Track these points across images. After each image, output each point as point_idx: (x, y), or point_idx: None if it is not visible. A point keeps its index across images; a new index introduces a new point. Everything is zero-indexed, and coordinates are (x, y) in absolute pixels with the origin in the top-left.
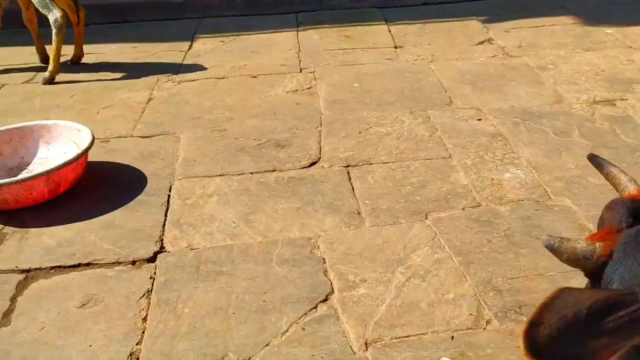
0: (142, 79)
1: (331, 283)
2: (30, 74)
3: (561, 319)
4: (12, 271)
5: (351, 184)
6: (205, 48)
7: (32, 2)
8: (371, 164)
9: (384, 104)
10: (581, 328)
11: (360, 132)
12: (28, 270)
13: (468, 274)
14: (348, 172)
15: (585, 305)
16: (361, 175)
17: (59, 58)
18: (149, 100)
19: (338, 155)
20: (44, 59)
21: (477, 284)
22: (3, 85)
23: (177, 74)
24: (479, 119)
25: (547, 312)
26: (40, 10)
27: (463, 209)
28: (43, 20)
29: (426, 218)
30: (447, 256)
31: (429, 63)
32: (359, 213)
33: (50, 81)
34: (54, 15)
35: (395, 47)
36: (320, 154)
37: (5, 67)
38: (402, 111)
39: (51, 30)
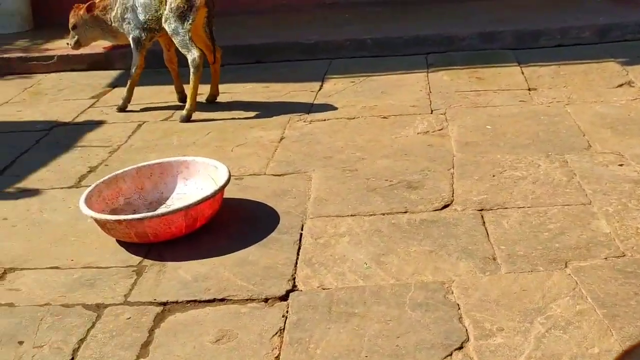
0: (275, 118)
1: (466, 330)
2: (168, 112)
3: None
4: (151, 303)
5: (485, 228)
6: (336, 88)
7: (173, 43)
8: (506, 208)
9: (518, 147)
10: None
11: (494, 175)
12: (165, 303)
13: (614, 327)
14: (482, 216)
15: None
16: (496, 220)
17: (195, 97)
18: (281, 139)
19: (471, 199)
20: (182, 97)
21: (624, 339)
22: (144, 122)
23: (308, 113)
24: (621, 165)
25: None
26: (180, 50)
27: (606, 258)
28: (182, 61)
29: (566, 267)
30: (590, 308)
31: (565, 106)
32: (494, 259)
33: (187, 119)
34: (192, 55)
35: (529, 89)
36: (452, 196)
37: (146, 105)
38: (537, 155)
39: (189, 70)
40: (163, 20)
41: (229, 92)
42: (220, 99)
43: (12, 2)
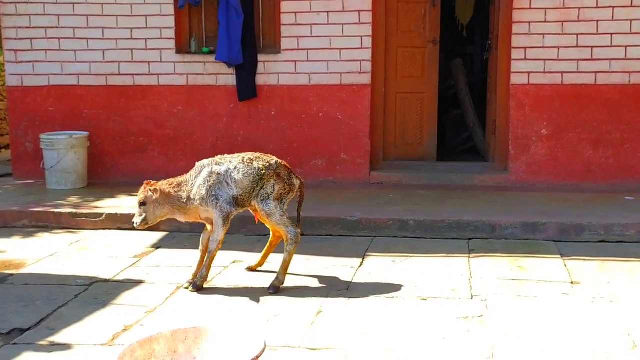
0: (313, 291)
1: None
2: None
3: None
4: None
5: None
6: (376, 266)
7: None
8: None
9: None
10: None
11: None
12: None
13: None
14: None
15: None
16: None
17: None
18: (319, 312)
19: None
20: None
21: None
22: (183, 285)
23: (347, 289)
24: None
25: None
26: (276, 227)
27: None
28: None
29: None
30: None
31: (609, 302)
32: None
33: (277, 289)
34: (294, 231)
35: (572, 283)
36: None
37: (187, 267)
38: (579, 351)
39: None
40: (253, 198)
41: (269, 261)
42: (262, 267)
43: (69, 161)
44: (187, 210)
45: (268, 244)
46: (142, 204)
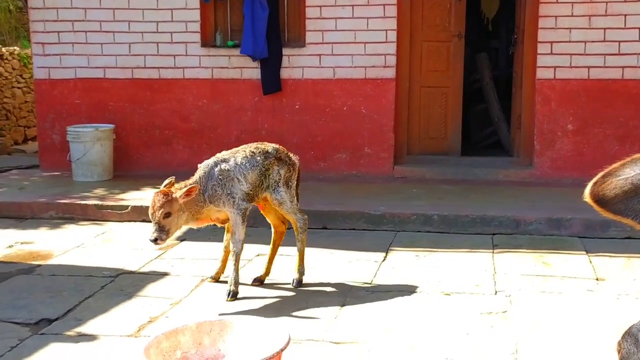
0: (337, 285)
1: None
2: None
3: None
4: None
5: None
6: (399, 261)
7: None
8: None
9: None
10: None
11: None
12: None
13: None
14: None
15: None
16: None
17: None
18: (342, 306)
19: None
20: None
21: None
22: (208, 277)
23: (370, 284)
24: None
25: (629, 166)
26: (289, 216)
27: None
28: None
29: None
30: None
31: (635, 299)
32: None
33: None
34: (303, 217)
35: (597, 279)
36: None
37: (212, 259)
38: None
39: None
40: (264, 190)
41: (293, 254)
42: (285, 261)
43: (95, 153)
44: (201, 214)
45: (272, 246)
46: (167, 215)
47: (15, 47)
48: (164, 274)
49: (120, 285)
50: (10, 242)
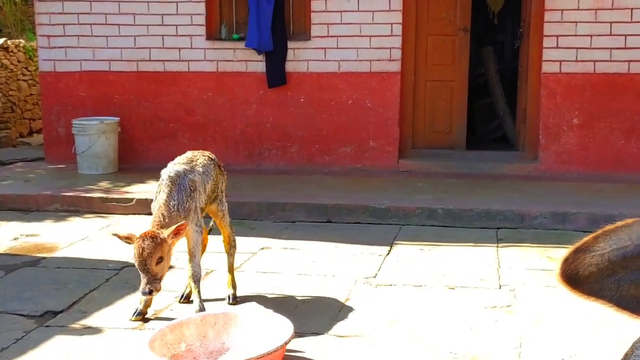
0: (341, 279)
1: None
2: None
3: (618, 249)
4: None
5: None
6: (404, 254)
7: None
8: None
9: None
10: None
11: (563, 359)
12: None
13: None
14: None
15: None
16: None
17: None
18: (346, 300)
19: None
20: None
21: None
22: (211, 271)
23: (375, 277)
24: None
25: (603, 240)
26: (228, 228)
27: None
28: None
29: None
30: None
31: None
32: None
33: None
34: (234, 232)
35: None
36: None
37: (217, 252)
38: (609, 346)
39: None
40: (212, 201)
41: (297, 248)
42: (291, 254)
43: (100, 146)
44: (181, 236)
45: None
46: (159, 260)
47: (21, 40)
48: (169, 267)
49: (125, 277)
50: (15, 235)
